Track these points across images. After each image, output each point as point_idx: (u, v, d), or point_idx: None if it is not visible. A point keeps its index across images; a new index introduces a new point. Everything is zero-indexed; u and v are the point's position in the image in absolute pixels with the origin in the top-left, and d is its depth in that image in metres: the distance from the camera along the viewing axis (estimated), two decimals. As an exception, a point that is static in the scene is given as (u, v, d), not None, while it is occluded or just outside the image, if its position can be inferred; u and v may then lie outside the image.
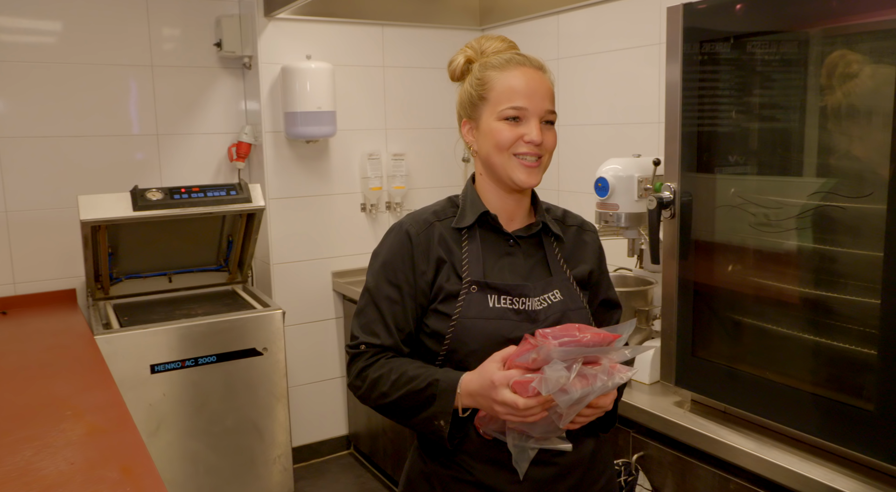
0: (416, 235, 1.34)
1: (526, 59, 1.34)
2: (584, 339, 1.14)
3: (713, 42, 1.56)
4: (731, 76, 1.58)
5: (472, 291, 1.30)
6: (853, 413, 1.38)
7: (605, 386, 1.14)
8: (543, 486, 1.31)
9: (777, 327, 1.55)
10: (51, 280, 2.98)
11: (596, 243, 1.45)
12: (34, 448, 1.60)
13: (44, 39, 2.86)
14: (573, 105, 2.99)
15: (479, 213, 1.35)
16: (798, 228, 1.49)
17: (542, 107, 1.30)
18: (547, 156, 1.33)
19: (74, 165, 2.96)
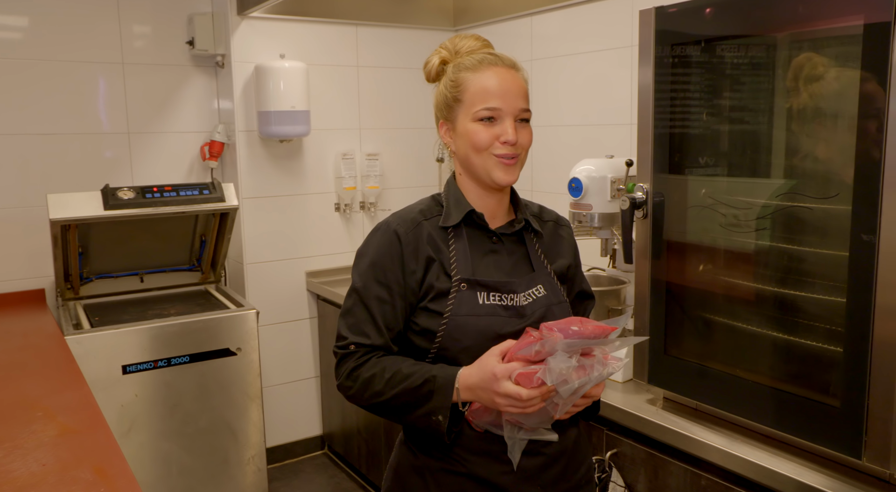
0: (405, 234, 1.35)
1: (498, 59, 1.35)
2: (585, 331, 1.19)
3: (684, 45, 1.59)
4: (701, 79, 1.61)
5: (463, 288, 1.32)
6: (820, 409, 1.42)
7: (601, 375, 1.20)
8: (532, 475, 1.35)
9: (746, 326, 1.59)
10: (19, 280, 2.93)
11: (571, 238, 1.50)
12: (4, 450, 1.58)
13: (9, 35, 2.81)
14: (546, 106, 3.01)
15: (465, 211, 1.37)
16: (766, 229, 1.53)
17: (516, 106, 1.32)
18: (524, 153, 1.35)
19: (43, 164, 2.91)
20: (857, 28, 1.27)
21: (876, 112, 1.24)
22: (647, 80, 1.66)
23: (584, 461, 1.45)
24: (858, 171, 1.29)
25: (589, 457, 1.48)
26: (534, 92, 3.08)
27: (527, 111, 1.34)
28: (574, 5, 2.82)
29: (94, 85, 2.98)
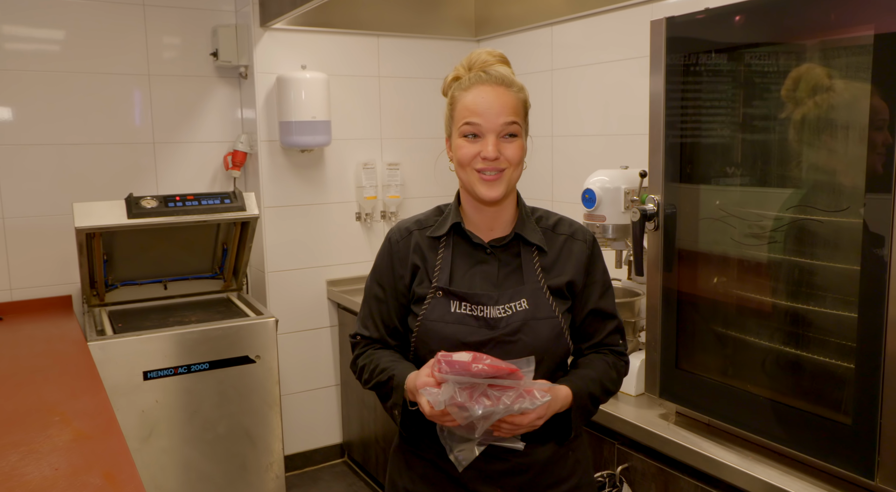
0: (396, 242, 1.49)
1: (490, 78, 1.39)
2: (476, 369, 1.24)
3: (695, 55, 1.58)
4: (713, 89, 1.59)
5: (438, 296, 1.41)
6: (832, 427, 1.39)
7: (509, 409, 1.25)
8: (492, 476, 1.41)
9: (758, 340, 1.56)
10: (47, 286, 3.00)
11: (585, 253, 1.46)
12: (20, 453, 1.61)
13: (43, 47, 2.89)
14: (566, 116, 3.00)
15: (451, 224, 1.45)
16: (780, 242, 1.50)
17: (498, 122, 1.36)
18: (511, 168, 1.39)
19: (72, 173, 2.99)
20: (865, 38, 1.24)
21: (883, 124, 1.22)
22: (657, 90, 1.65)
23: (566, 479, 1.45)
24: (869, 184, 1.26)
25: (578, 477, 1.48)
26: (554, 102, 3.08)
27: (511, 125, 1.37)
28: (594, 15, 2.81)
29: (122, 96, 3.04)
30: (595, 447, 1.88)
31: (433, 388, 1.28)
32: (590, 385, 1.40)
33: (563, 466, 1.45)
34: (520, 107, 1.39)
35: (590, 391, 1.40)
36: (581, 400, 1.38)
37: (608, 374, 1.45)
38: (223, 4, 3.18)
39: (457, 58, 3.48)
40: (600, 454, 1.87)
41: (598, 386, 1.42)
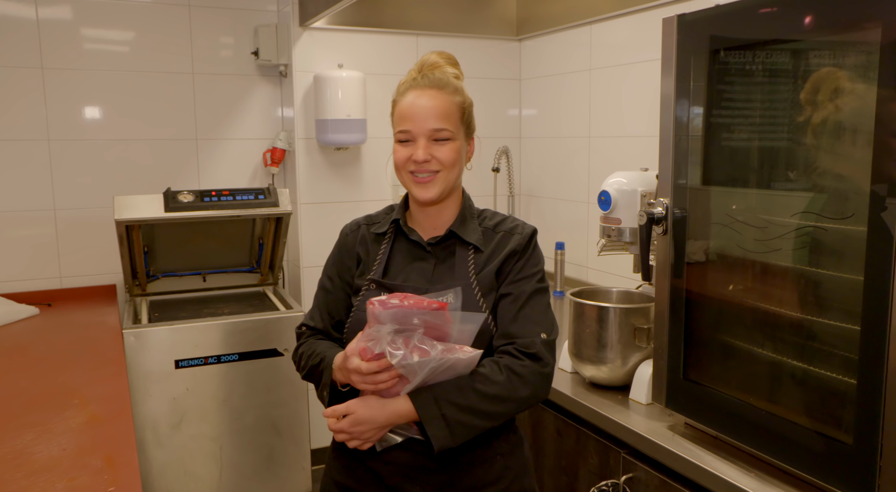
0: (346, 235, 1.57)
1: (424, 82, 1.44)
2: (405, 303, 1.26)
3: (708, 53, 1.52)
4: (728, 88, 1.53)
5: (371, 288, 1.47)
6: (833, 446, 1.31)
7: (444, 359, 1.26)
8: (409, 471, 1.42)
9: (765, 352, 1.49)
10: (94, 275, 3.13)
11: (514, 243, 1.46)
12: (35, 433, 1.69)
13: (100, 47, 3.02)
14: (604, 116, 2.95)
15: (390, 221, 1.53)
16: (791, 249, 1.43)
17: (426, 126, 1.40)
18: (445, 170, 1.42)
19: (119, 167, 3.11)
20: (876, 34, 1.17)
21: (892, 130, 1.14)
22: (668, 91, 1.59)
23: (492, 484, 1.44)
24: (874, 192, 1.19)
25: (507, 483, 1.47)
26: (592, 102, 3.02)
27: (440, 131, 1.40)
28: (634, 13, 2.75)
29: (167, 94, 3.15)
30: (601, 455, 1.84)
31: (360, 345, 1.31)
32: (451, 393, 1.33)
33: (488, 470, 1.44)
34: (453, 110, 1.42)
35: (450, 399, 1.33)
36: (431, 410, 1.32)
37: (490, 378, 1.35)
38: (266, 4, 3.26)
39: (497, 57, 3.48)
40: (606, 462, 1.83)
41: (467, 393, 1.33)
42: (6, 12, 2.88)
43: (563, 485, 1.99)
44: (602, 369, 1.92)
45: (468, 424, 1.34)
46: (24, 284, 3.01)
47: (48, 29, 2.94)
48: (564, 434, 1.98)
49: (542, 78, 3.37)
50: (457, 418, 1.33)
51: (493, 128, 3.51)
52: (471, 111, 1.50)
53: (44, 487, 1.42)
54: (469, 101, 1.49)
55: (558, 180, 3.30)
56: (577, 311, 1.95)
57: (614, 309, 1.88)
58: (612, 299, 2.06)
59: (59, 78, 2.98)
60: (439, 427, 1.32)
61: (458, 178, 1.47)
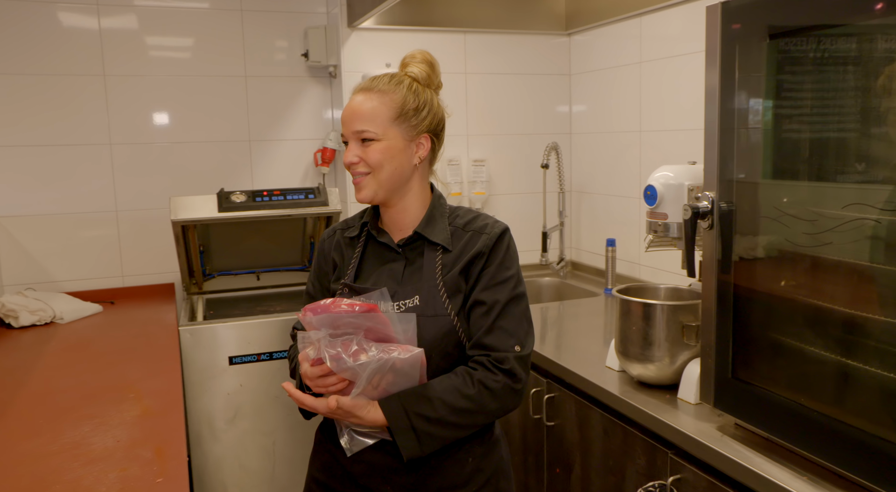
0: (323, 241, 1.62)
1: (362, 83, 1.49)
2: (335, 309, 1.28)
3: (755, 41, 1.47)
4: (776, 78, 1.47)
5: (345, 292, 1.50)
6: (892, 450, 1.25)
7: (382, 359, 1.28)
8: (381, 471, 1.46)
9: (823, 352, 1.43)
10: (154, 274, 3.24)
11: (482, 244, 1.46)
12: (93, 425, 1.75)
13: (160, 54, 3.12)
14: (656, 110, 2.88)
15: (361, 225, 1.56)
16: (845, 243, 1.37)
17: (351, 129, 1.44)
18: (376, 170, 1.44)
19: (177, 169, 3.21)
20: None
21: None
22: (713, 81, 1.55)
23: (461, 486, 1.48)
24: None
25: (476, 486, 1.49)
26: (643, 95, 2.96)
27: (363, 132, 1.43)
28: (684, 3, 2.68)
29: (220, 97, 3.23)
30: (648, 455, 1.80)
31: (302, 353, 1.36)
32: (421, 405, 1.35)
33: (459, 472, 1.48)
34: (380, 111, 1.43)
35: (419, 411, 1.35)
36: (401, 421, 1.34)
37: (461, 391, 1.37)
38: (316, 6, 3.31)
39: (546, 53, 3.44)
40: (653, 463, 1.79)
41: (437, 405, 1.35)
42: (71, 23, 3.00)
43: (610, 485, 1.96)
44: (649, 367, 1.88)
45: (436, 435, 1.37)
46: (89, 283, 3.14)
47: (109, 38, 3.05)
48: (611, 433, 1.94)
49: (591, 72, 3.32)
50: (425, 429, 1.35)
51: (543, 124, 3.48)
52: (415, 109, 1.45)
53: (97, 476, 1.47)
54: (413, 100, 1.45)
55: (609, 176, 3.25)
56: (624, 308, 1.91)
57: (661, 306, 1.84)
58: (659, 296, 2.02)
59: (119, 84, 3.09)
60: (408, 438, 1.35)
61: (396, 178, 1.45)
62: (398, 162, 1.45)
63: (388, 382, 1.34)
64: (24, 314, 2.69)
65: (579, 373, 2.05)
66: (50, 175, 3.05)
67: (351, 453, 1.43)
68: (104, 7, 3.03)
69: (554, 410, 2.20)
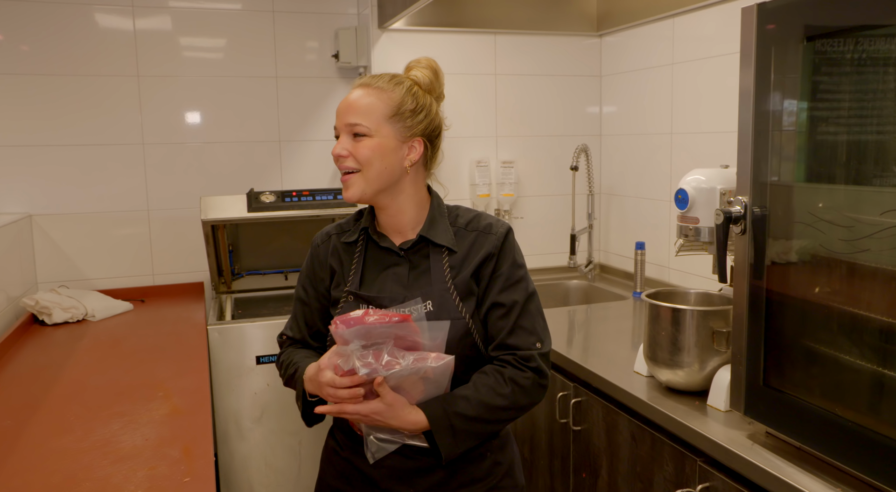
0: (317, 246, 1.57)
1: (361, 80, 1.49)
2: (367, 320, 1.26)
3: (791, 42, 1.44)
4: (814, 80, 1.44)
5: (349, 300, 1.47)
6: (929, 462, 1.21)
7: (416, 368, 1.29)
8: (403, 475, 1.46)
9: (858, 360, 1.39)
10: (184, 273, 3.27)
11: (491, 245, 1.46)
12: (122, 423, 1.78)
13: (193, 54, 3.16)
14: (688, 112, 2.85)
15: (359, 229, 1.52)
16: (883, 250, 1.33)
17: (344, 121, 1.43)
18: (365, 168, 1.41)
19: (207, 169, 3.24)
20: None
21: None
22: (747, 83, 1.52)
23: (482, 480, 1.49)
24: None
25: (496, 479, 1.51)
26: (674, 97, 2.92)
27: (355, 126, 1.40)
28: (717, 4, 2.64)
29: (251, 98, 3.26)
30: (677, 462, 1.78)
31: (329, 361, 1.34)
32: (458, 405, 1.38)
33: (479, 467, 1.49)
34: (377, 106, 1.41)
35: (457, 412, 1.37)
36: (444, 422, 1.37)
37: (496, 390, 1.40)
38: (346, 8, 3.32)
39: (577, 54, 3.42)
40: (682, 470, 1.76)
41: (473, 404, 1.39)
42: (107, 25, 3.05)
43: (637, 491, 1.93)
44: (678, 373, 1.85)
45: (472, 433, 1.40)
46: (120, 281, 3.18)
47: (143, 39, 3.09)
48: (639, 439, 1.92)
49: (622, 74, 3.29)
50: (463, 428, 1.38)
51: (573, 126, 3.45)
52: (411, 112, 1.45)
53: (126, 474, 1.49)
54: (410, 102, 1.45)
55: (639, 178, 3.21)
56: (653, 313, 1.89)
57: (691, 311, 1.81)
58: (690, 301, 1.98)
59: (153, 85, 3.13)
60: (447, 438, 1.36)
61: (385, 178, 1.43)
62: (388, 161, 1.42)
63: (419, 390, 1.35)
64: (57, 311, 2.74)
65: (607, 378, 2.03)
66: (84, 174, 3.10)
67: (374, 459, 1.42)
68: (139, 9, 3.07)
69: (581, 414, 2.18)
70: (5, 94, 2.96)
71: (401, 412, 1.34)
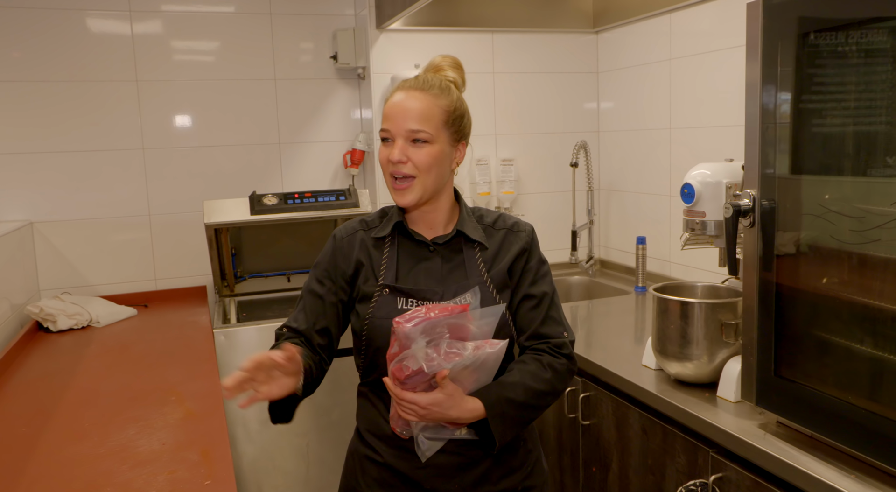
0: (341, 239, 1.54)
1: (412, 82, 1.45)
2: (431, 314, 1.27)
3: (797, 37, 1.46)
4: (817, 73, 1.46)
5: (385, 293, 1.46)
6: (943, 447, 1.24)
7: (477, 357, 1.30)
8: (447, 472, 1.46)
9: (870, 349, 1.42)
10: (186, 277, 3.27)
11: (522, 242, 1.53)
12: (138, 427, 1.78)
13: (190, 58, 3.16)
14: (687, 107, 2.87)
15: (392, 223, 1.51)
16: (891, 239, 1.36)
17: (404, 127, 1.41)
18: (423, 174, 1.43)
19: (208, 172, 3.24)
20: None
21: None
22: (754, 78, 1.54)
23: (517, 469, 1.52)
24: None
25: (529, 468, 1.55)
26: (672, 92, 2.95)
27: (417, 132, 1.40)
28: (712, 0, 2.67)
29: (250, 100, 3.26)
30: (689, 454, 1.80)
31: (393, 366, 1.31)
32: (509, 391, 1.41)
33: (516, 456, 1.53)
34: (434, 112, 1.42)
35: (509, 397, 1.41)
36: (498, 409, 1.39)
37: (538, 375, 1.46)
38: (344, 9, 3.33)
39: (574, 51, 3.43)
40: (694, 462, 1.78)
41: (521, 391, 1.42)
42: (105, 30, 3.04)
43: (649, 484, 1.95)
44: (687, 365, 1.87)
45: (520, 419, 1.44)
46: (122, 287, 3.18)
47: (142, 43, 3.09)
48: (650, 432, 1.94)
49: (620, 70, 3.31)
50: (513, 415, 1.42)
51: (571, 122, 3.47)
52: (460, 116, 1.48)
53: (147, 479, 1.50)
54: (458, 106, 1.47)
55: (639, 173, 3.23)
56: (661, 307, 1.91)
57: (699, 304, 1.83)
58: (696, 294, 2.00)
59: (152, 89, 3.13)
60: (500, 424, 1.40)
61: (438, 183, 1.47)
62: (443, 167, 1.46)
63: (472, 379, 1.38)
64: (61, 318, 2.74)
65: (616, 372, 2.05)
66: (84, 180, 3.09)
67: (426, 457, 1.43)
68: (136, 13, 3.07)
69: (590, 409, 2.20)
70: (4, 102, 2.95)
71: (460, 401, 1.35)
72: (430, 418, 1.36)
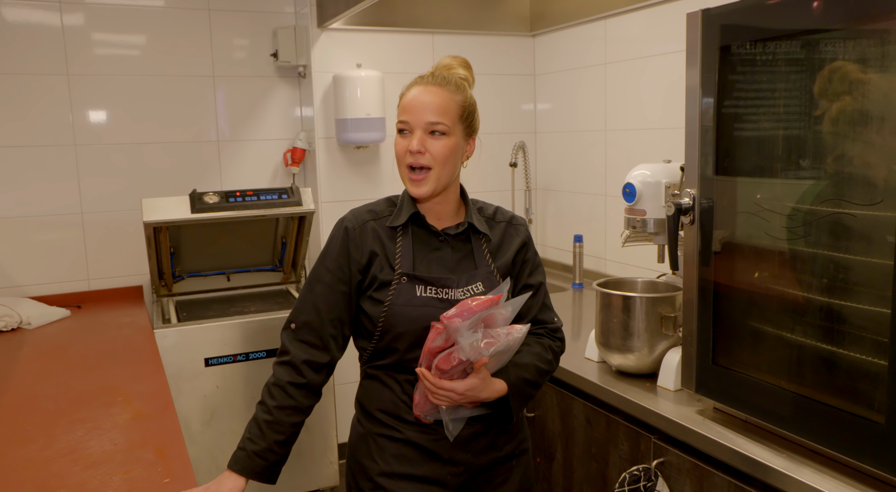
0: (353, 229, 1.54)
1: (430, 78, 1.52)
2: (474, 306, 1.36)
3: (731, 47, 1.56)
4: (748, 81, 1.57)
5: (403, 281, 1.50)
6: (866, 426, 1.36)
7: (508, 342, 1.40)
8: (462, 443, 1.55)
9: (794, 336, 1.53)
10: (121, 277, 3.19)
11: (522, 235, 1.64)
12: (86, 429, 1.74)
13: (121, 52, 3.07)
14: (622, 110, 2.99)
15: (410, 213, 1.54)
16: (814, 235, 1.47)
17: (423, 119, 1.47)
18: (438, 167, 1.49)
19: (144, 170, 3.16)
20: (900, 27, 1.21)
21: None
22: (693, 84, 1.64)
23: (516, 435, 1.64)
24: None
25: (523, 433, 1.67)
26: (608, 96, 3.06)
27: (436, 124, 1.47)
28: (649, 6, 2.79)
29: (188, 97, 3.20)
30: (632, 441, 1.89)
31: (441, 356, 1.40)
32: (523, 372, 1.54)
33: (516, 424, 1.64)
34: (451, 107, 1.49)
35: (524, 377, 1.54)
36: (517, 388, 1.53)
37: (543, 356, 1.60)
38: (284, 6, 3.30)
39: (512, 53, 3.52)
40: (637, 448, 1.87)
41: (532, 371, 1.56)
42: (32, 20, 2.93)
43: (593, 471, 2.04)
44: (629, 357, 1.96)
45: (529, 396, 1.58)
46: (53, 287, 3.07)
47: (73, 36, 2.99)
48: (594, 422, 2.02)
49: (556, 73, 3.41)
50: (525, 392, 1.56)
51: (510, 123, 3.55)
52: (473, 112, 1.56)
53: (102, 479, 1.47)
54: (472, 102, 1.56)
55: (575, 174, 3.34)
56: (604, 301, 2.00)
57: (641, 298, 1.93)
58: (637, 289, 2.10)
59: (84, 84, 3.03)
60: (517, 400, 1.54)
61: (451, 175, 1.53)
62: (457, 160, 1.53)
63: (497, 360, 1.48)
64: (-10, 320, 2.63)
65: (560, 365, 2.12)
66: (12, 177, 2.97)
67: (453, 436, 1.51)
68: (67, 4, 2.97)
69: (534, 401, 2.27)
70: (-77, 94, 2.81)
71: (490, 384, 1.47)
72: (464, 401, 1.45)
